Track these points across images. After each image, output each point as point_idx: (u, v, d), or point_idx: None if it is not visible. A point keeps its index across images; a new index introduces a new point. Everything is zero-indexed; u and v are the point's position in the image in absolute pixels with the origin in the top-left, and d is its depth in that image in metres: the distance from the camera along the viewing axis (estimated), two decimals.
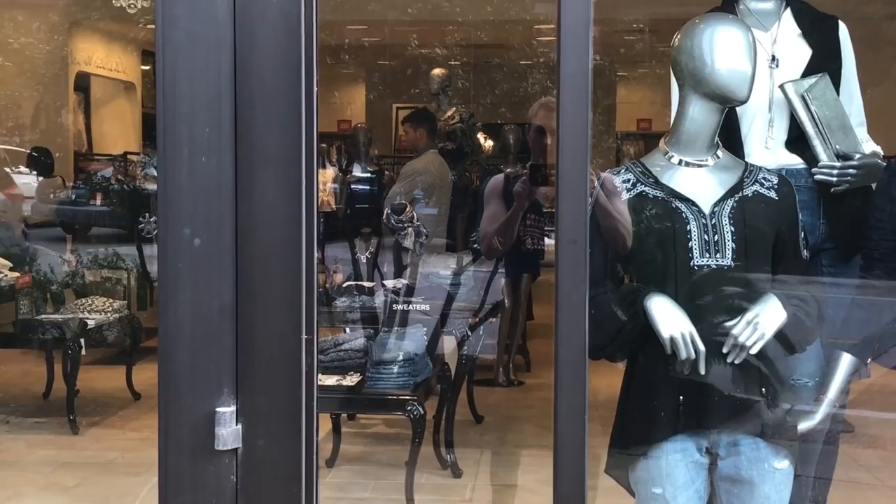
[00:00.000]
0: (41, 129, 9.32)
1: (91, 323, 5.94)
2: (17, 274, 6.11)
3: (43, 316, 6.03)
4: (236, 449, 1.84)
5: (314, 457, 1.91)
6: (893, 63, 8.99)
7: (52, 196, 8.71)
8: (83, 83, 10.08)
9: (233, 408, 1.83)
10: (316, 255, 1.91)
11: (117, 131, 10.46)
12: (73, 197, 8.66)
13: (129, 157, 8.61)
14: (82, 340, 5.72)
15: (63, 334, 5.75)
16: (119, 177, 7.98)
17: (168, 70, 1.86)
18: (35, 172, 8.94)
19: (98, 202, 8.04)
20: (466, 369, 5.18)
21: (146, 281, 6.28)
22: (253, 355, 1.85)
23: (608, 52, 10.40)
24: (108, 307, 6.25)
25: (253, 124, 1.84)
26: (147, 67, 11.04)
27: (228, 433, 1.83)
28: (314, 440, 1.91)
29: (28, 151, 9.06)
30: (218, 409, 1.82)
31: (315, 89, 1.86)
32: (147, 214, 6.37)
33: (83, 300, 6.32)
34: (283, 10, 1.85)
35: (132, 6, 4.77)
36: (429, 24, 9.12)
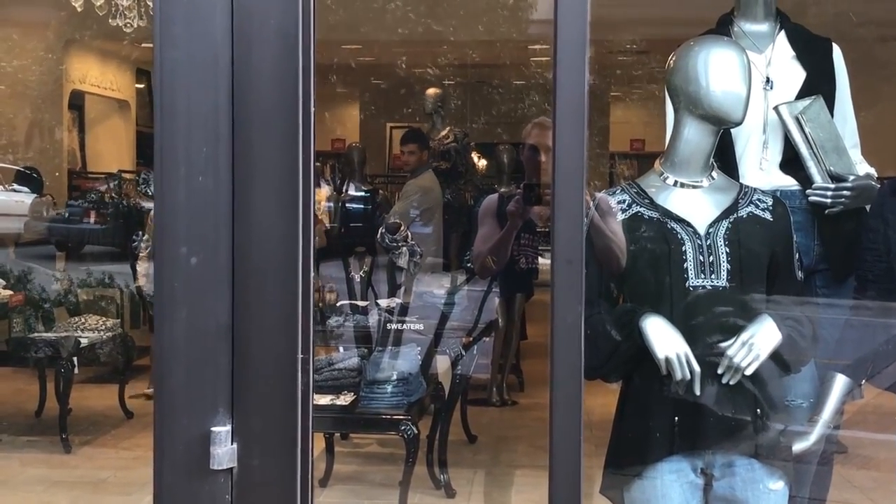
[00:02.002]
0: (36, 147, 9.32)
1: (84, 341, 5.93)
2: (10, 292, 6.10)
3: (36, 334, 6.01)
4: (231, 468, 1.83)
5: (309, 477, 1.90)
6: (885, 85, 9.06)
7: (43, 214, 8.70)
8: (77, 101, 10.09)
9: (228, 427, 1.82)
10: (312, 274, 1.91)
11: (111, 149, 10.46)
12: (67, 215, 8.65)
13: (123, 174, 8.62)
14: (75, 359, 5.70)
15: (56, 352, 5.72)
16: (113, 195, 7.98)
17: (166, 89, 1.85)
18: (27, 190, 8.93)
19: (92, 220, 8.04)
20: (460, 389, 5.17)
21: (140, 299, 6.27)
22: (249, 374, 1.84)
23: (602, 72, 10.44)
24: (101, 325, 6.24)
25: (250, 143, 1.84)
26: (141, 86, 11.06)
27: (224, 452, 1.81)
28: (310, 460, 1.90)
29: (18, 169, 9.07)
30: (213, 429, 1.81)
31: (312, 109, 1.87)
32: (140, 232, 6.37)
33: (76, 318, 6.31)
34: (281, 30, 1.85)
35: (128, 25, 4.78)
36: (422, 44, 9.16)
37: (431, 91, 7.69)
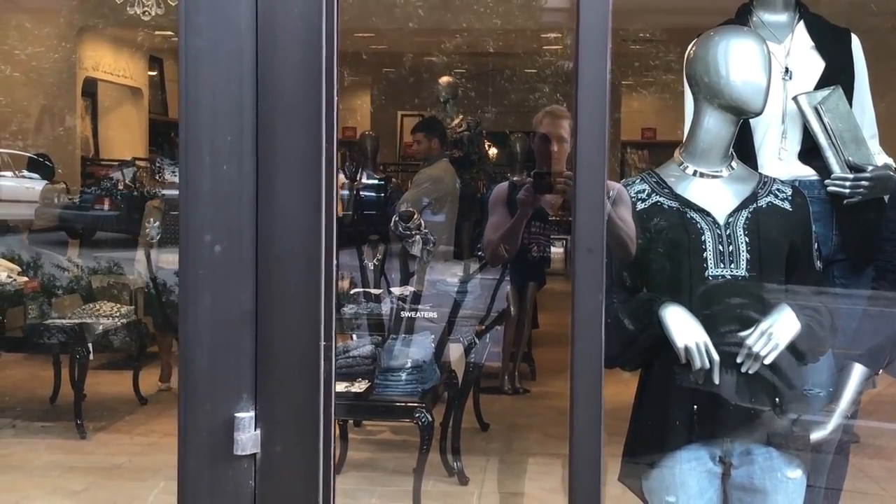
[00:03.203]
0: (49, 134, 9.35)
1: (99, 328, 5.96)
2: (26, 278, 6.13)
3: (51, 321, 6.04)
4: (255, 454, 1.84)
5: (331, 462, 1.92)
6: None
7: (55, 201, 8.74)
8: (90, 88, 10.11)
9: (252, 413, 1.84)
10: (334, 261, 1.92)
11: (124, 136, 10.49)
12: (79, 201, 8.68)
13: (137, 162, 8.65)
14: (90, 345, 5.74)
15: (71, 339, 5.77)
16: (128, 182, 8.00)
17: (190, 78, 1.87)
18: (38, 177, 8.96)
19: (106, 207, 8.07)
20: (474, 377, 5.20)
21: (156, 287, 6.31)
22: (272, 361, 1.86)
23: (614, 61, 10.42)
24: (115, 312, 6.27)
25: (274, 132, 1.85)
26: (154, 73, 11.08)
27: (247, 438, 1.83)
28: (331, 446, 1.92)
29: (30, 156, 9.10)
30: (237, 415, 1.82)
31: (336, 98, 1.88)
32: (152, 219, 6.40)
33: (91, 305, 6.34)
34: (305, 20, 1.86)
35: (146, 13, 4.79)
36: (434, 32, 9.15)
37: (444, 80, 7.70)
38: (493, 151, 9.50)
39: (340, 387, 4.50)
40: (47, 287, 6.56)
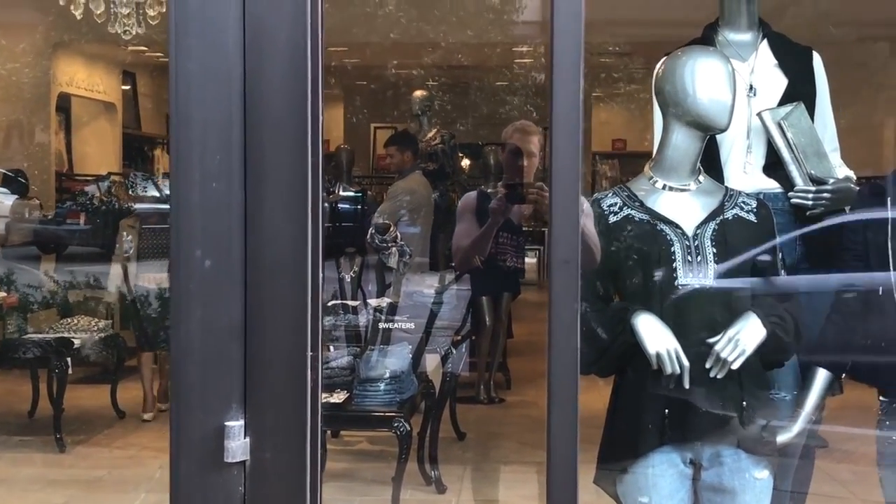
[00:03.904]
0: (23, 149, 9.34)
1: (77, 342, 5.98)
2: (3, 294, 6.15)
3: (27, 335, 6.06)
4: (244, 461, 1.90)
5: (319, 469, 2.00)
6: (864, 86, 9.17)
7: (25, 215, 8.71)
8: (64, 104, 10.11)
9: (241, 422, 1.90)
10: (320, 275, 1.99)
11: (98, 151, 10.48)
12: (52, 216, 8.67)
13: (112, 177, 8.65)
14: (69, 359, 5.75)
15: (48, 353, 5.78)
16: (103, 197, 8.01)
17: (181, 99, 1.93)
18: (7, 191, 8.93)
19: (81, 222, 8.08)
20: (450, 386, 5.27)
21: (133, 304, 6.32)
22: (261, 371, 1.92)
23: (584, 74, 10.52)
24: (92, 326, 6.29)
25: (262, 150, 1.92)
26: (127, 87, 11.08)
27: (237, 446, 1.89)
28: (319, 453, 1.99)
29: (3, 172, 9.07)
30: (227, 423, 1.88)
31: (321, 117, 1.96)
32: (125, 234, 6.42)
33: (68, 319, 6.36)
34: (291, 41, 1.93)
35: (127, 32, 4.85)
36: (408, 46, 9.22)
37: (418, 93, 7.76)
38: (466, 163, 9.59)
39: None
40: (23, 302, 6.57)
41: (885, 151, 9.44)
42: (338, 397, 4.59)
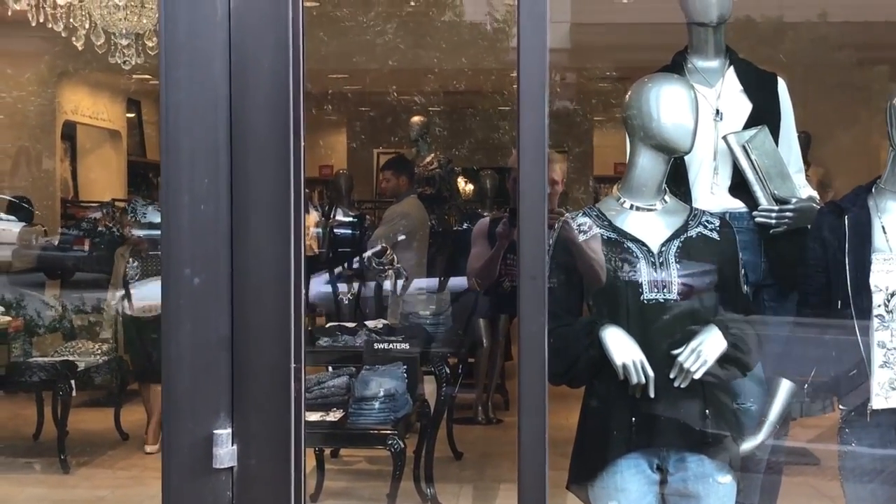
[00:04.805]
0: (29, 176, 9.50)
1: (81, 365, 6.10)
2: (9, 318, 6.28)
3: (33, 359, 6.18)
4: (232, 467, 2.02)
5: (302, 474, 2.11)
6: (863, 107, 9.28)
7: (32, 242, 8.84)
8: (70, 131, 10.26)
9: (229, 430, 2.01)
10: (303, 291, 2.12)
11: (103, 178, 10.62)
12: (57, 243, 8.80)
13: (116, 203, 8.79)
14: (73, 382, 5.87)
15: (53, 377, 5.88)
16: (107, 223, 8.15)
17: (170, 127, 2.06)
18: (14, 219, 9.06)
19: (86, 248, 8.21)
20: (445, 406, 5.37)
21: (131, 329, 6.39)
22: (247, 382, 2.03)
23: (585, 99, 10.65)
24: (96, 350, 6.41)
25: (247, 174, 2.05)
26: (132, 115, 11.24)
27: (225, 453, 2.00)
28: (302, 459, 2.11)
29: (9, 199, 9.21)
30: (215, 431, 2.00)
31: (303, 143, 2.09)
32: (131, 259, 6.53)
33: (72, 343, 6.48)
34: (274, 72, 2.06)
35: (126, 63, 5.01)
36: (408, 72, 9.38)
37: (416, 119, 7.92)
38: (464, 187, 9.73)
39: (316, 416, 4.67)
40: (29, 326, 6.70)
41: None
42: (334, 416, 4.70)
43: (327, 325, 5.67)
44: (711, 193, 3.04)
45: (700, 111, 2.67)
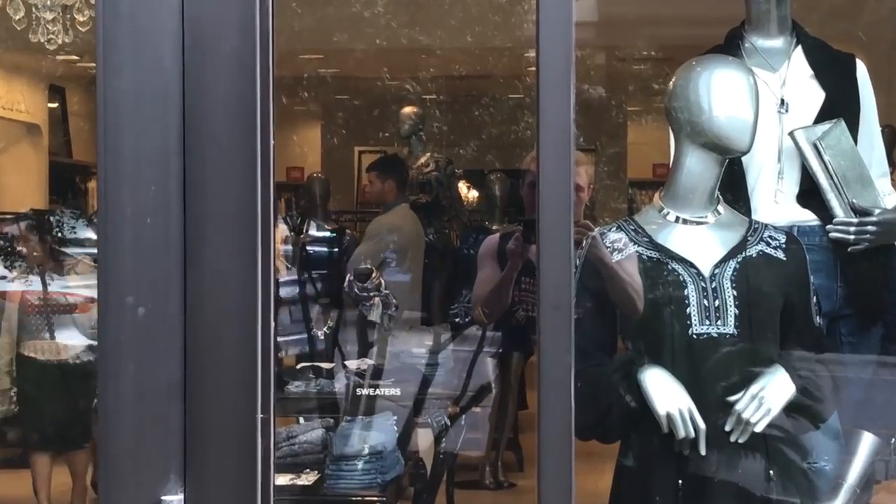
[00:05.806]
0: None
1: None
2: None
3: None
4: None
5: None
6: None
7: None
8: None
9: (180, 496, 2.02)
10: (272, 324, 2.14)
11: (19, 183, 10.58)
12: None
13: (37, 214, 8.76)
14: None
15: None
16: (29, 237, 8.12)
17: (110, 122, 2.08)
18: None
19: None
20: (444, 467, 5.37)
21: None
22: (203, 437, 2.05)
23: (616, 85, 10.65)
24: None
25: (204, 181, 2.06)
26: (55, 105, 11.23)
27: None
28: None
29: None
30: (164, 498, 2.01)
31: (272, 142, 2.12)
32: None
33: None
34: (237, 57, 2.08)
35: (52, 42, 5.01)
36: (398, 53, 9.38)
37: (408, 110, 7.90)
38: (468, 194, 9.73)
39: (284, 479, 4.66)
40: None
41: None
42: (307, 479, 4.71)
43: (298, 367, 5.68)
44: (775, 202, 3.07)
45: (761, 102, 2.69)
